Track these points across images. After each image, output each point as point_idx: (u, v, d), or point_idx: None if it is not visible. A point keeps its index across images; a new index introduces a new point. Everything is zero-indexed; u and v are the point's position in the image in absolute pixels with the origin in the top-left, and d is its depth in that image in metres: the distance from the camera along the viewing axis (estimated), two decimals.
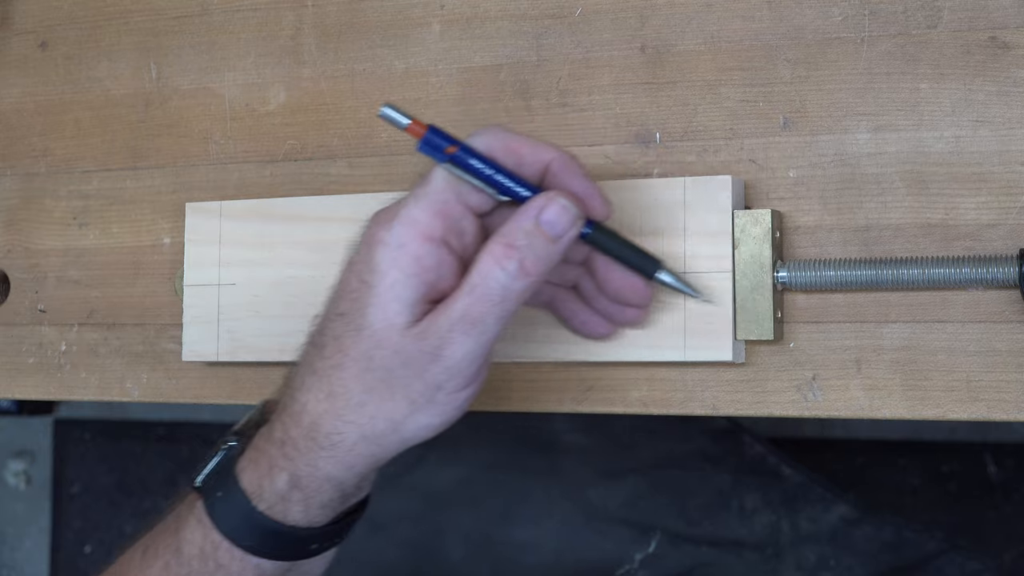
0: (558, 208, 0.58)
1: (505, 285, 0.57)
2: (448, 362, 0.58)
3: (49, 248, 0.83)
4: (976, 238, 0.63)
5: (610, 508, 1.04)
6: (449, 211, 0.58)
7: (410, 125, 0.59)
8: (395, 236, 0.58)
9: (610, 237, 0.61)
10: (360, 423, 0.59)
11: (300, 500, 0.61)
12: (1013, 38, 0.63)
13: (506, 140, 0.59)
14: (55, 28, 0.84)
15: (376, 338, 0.58)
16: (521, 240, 0.57)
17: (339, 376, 0.59)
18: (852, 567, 1.02)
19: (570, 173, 0.60)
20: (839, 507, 1.04)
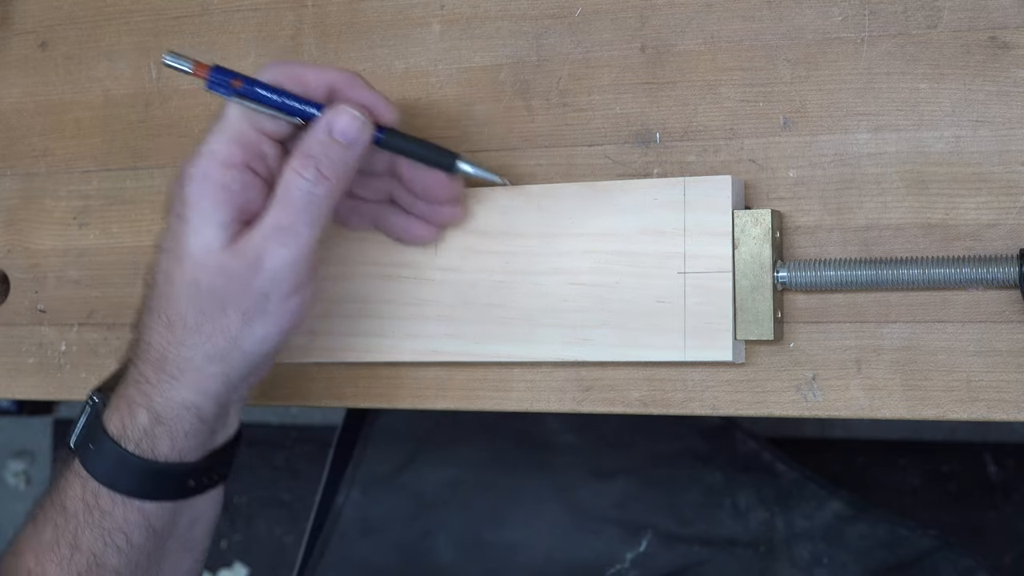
0: (347, 117, 0.63)
1: (308, 191, 0.61)
2: (269, 272, 0.62)
3: (49, 248, 0.83)
4: (976, 238, 0.63)
5: (601, 508, 1.04)
6: (246, 138, 0.63)
7: (195, 69, 0.63)
8: (200, 169, 0.62)
9: (403, 139, 0.66)
10: (200, 344, 0.63)
11: (164, 433, 0.64)
12: (1013, 38, 0.63)
13: (290, 69, 0.64)
14: (55, 28, 0.84)
15: (198, 262, 0.62)
16: (316, 150, 0.62)
17: (173, 307, 0.63)
18: (846, 564, 1.02)
19: (354, 87, 0.64)
20: (833, 504, 1.04)
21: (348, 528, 0.67)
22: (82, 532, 0.65)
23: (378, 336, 0.71)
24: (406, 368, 0.73)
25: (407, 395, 0.73)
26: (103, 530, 0.65)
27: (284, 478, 1.82)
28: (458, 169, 0.67)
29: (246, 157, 0.63)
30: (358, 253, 0.72)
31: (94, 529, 0.65)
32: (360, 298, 0.72)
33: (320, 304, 0.72)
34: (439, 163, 0.67)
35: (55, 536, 0.66)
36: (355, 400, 0.75)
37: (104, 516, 0.65)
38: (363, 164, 0.65)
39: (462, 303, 0.69)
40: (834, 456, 1.58)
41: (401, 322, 0.71)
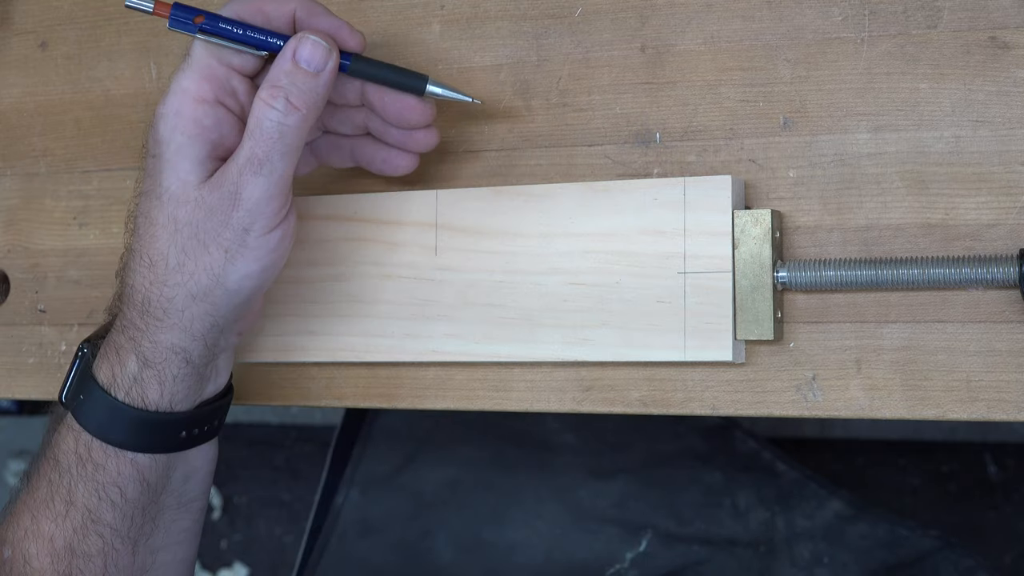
0: (310, 44, 0.63)
1: (279, 122, 0.61)
2: (248, 203, 0.62)
3: (49, 248, 0.83)
4: (976, 238, 0.63)
5: (600, 508, 1.04)
6: (214, 73, 0.63)
7: (156, 7, 0.64)
8: (170, 106, 0.63)
9: (370, 64, 0.66)
10: (184, 283, 0.63)
11: (153, 378, 0.64)
12: (1013, 38, 0.63)
13: (251, 2, 0.64)
14: (55, 28, 0.84)
15: (176, 199, 0.62)
16: (284, 80, 0.62)
17: (154, 246, 0.63)
18: (847, 564, 1.02)
19: (315, 15, 0.65)
20: (833, 504, 1.04)
21: (347, 528, 0.67)
22: (76, 487, 0.65)
23: (378, 336, 0.71)
24: (406, 368, 0.73)
25: (407, 395, 0.73)
26: (97, 484, 0.65)
27: (284, 478, 1.82)
28: (428, 92, 0.67)
29: (216, 92, 0.63)
30: (358, 253, 0.72)
31: (88, 483, 0.65)
32: (360, 298, 0.72)
33: (320, 304, 0.72)
34: (408, 87, 0.67)
35: (49, 492, 0.66)
36: (355, 400, 0.75)
37: (97, 469, 0.65)
38: (334, 95, 0.65)
39: (462, 303, 0.69)
40: (834, 456, 1.58)
41: (401, 322, 0.71)
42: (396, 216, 0.71)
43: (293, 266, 0.73)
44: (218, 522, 1.81)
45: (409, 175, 0.74)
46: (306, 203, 0.74)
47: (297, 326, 0.73)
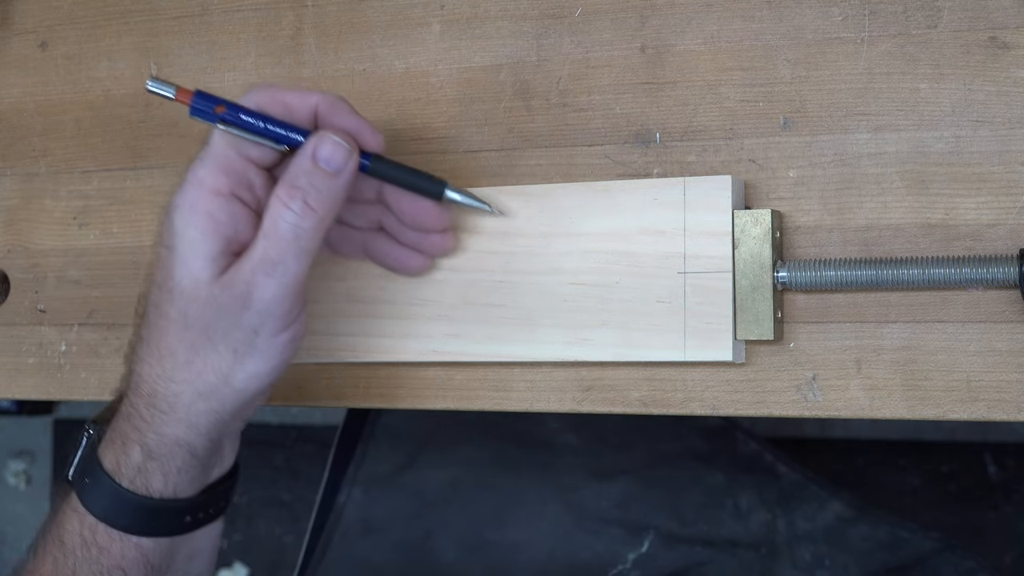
0: (331, 144, 0.61)
1: (295, 224, 0.60)
2: (258, 305, 0.61)
3: (49, 248, 0.83)
4: (976, 238, 0.63)
5: (603, 508, 1.04)
6: (232, 166, 0.62)
7: (177, 94, 0.62)
8: (186, 198, 0.61)
9: (390, 166, 0.65)
10: (191, 380, 0.62)
11: (157, 469, 0.63)
12: (1013, 38, 0.63)
13: (273, 92, 0.62)
14: (55, 28, 0.84)
15: (187, 295, 0.61)
16: (302, 180, 0.60)
17: (164, 339, 0.62)
18: (847, 566, 1.02)
19: (338, 112, 0.63)
20: (834, 505, 1.04)
21: (350, 527, 0.67)
22: (80, 568, 0.65)
23: (378, 336, 0.71)
24: (406, 368, 0.73)
25: (407, 395, 0.73)
26: (101, 567, 0.64)
27: (284, 478, 1.82)
28: (447, 198, 0.66)
29: (232, 185, 0.62)
30: None
31: (92, 565, 0.64)
32: (360, 298, 0.72)
33: (321, 304, 0.72)
34: (427, 191, 0.65)
35: (54, 571, 0.65)
36: (355, 400, 0.75)
37: (101, 552, 0.64)
38: (351, 191, 0.64)
39: (462, 303, 0.69)
40: (834, 456, 1.58)
41: (401, 322, 0.71)
42: None
43: None
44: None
45: None
46: None
47: None
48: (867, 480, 1.57)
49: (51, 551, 0.66)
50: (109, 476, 0.64)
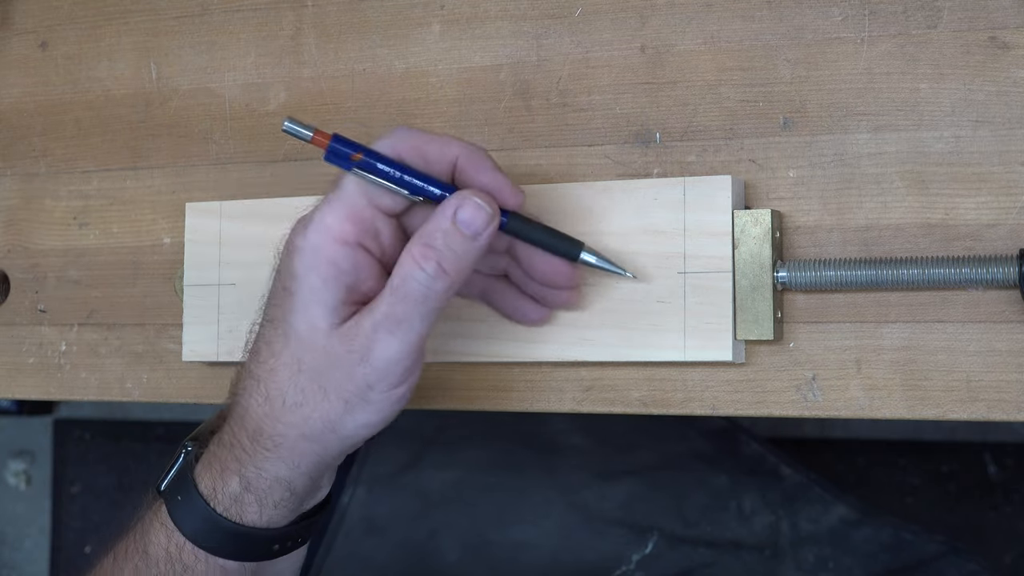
0: (473, 207, 0.59)
1: (426, 285, 0.58)
2: (376, 363, 0.59)
3: (49, 248, 0.83)
4: (976, 238, 0.63)
5: (607, 509, 1.04)
6: (361, 215, 0.60)
7: (314, 137, 0.60)
8: (310, 242, 0.59)
9: (528, 225, 0.63)
10: (297, 424, 0.61)
11: (253, 502, 0.63)
12: (1013, 38, 0.63)
13: (412, 139, 0.60)
14: (55, 28, 0.84)
15: (303, 342, 0.60)
16: (439, 241, 0.58)
17: (274, 380, 0.61)
18: (851, 568, 1.02)
19: (478, 167, 0.61)
20: (838, 508, 1.04)
21: (353, 527, 0.67)
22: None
23: None
24: None
25: None
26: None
27: None
28: (582, 260, 0.64)
29: (359, 235, 0.60)
30: None
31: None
32: None
33: None
34: (563, 252, 0.64)
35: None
36: None
37: (186, 570, 0.64)
38: None
39: (462, 303, 0.69)
40: (834, 456, 1.58)
41: None
42: None
43: None
44: None
45: None
46: (306, 203, 0.73)
47: None
48: (867, 480, 1.57)
49: (133, 558, 0.65)
50: (204, 499, 0.63)
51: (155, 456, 1.81)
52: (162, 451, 1.81)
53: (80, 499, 1.88)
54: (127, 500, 1.82)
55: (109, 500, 1.86)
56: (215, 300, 0.75)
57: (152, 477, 0.68)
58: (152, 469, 0.67)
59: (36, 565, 1.93)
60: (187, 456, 0.65)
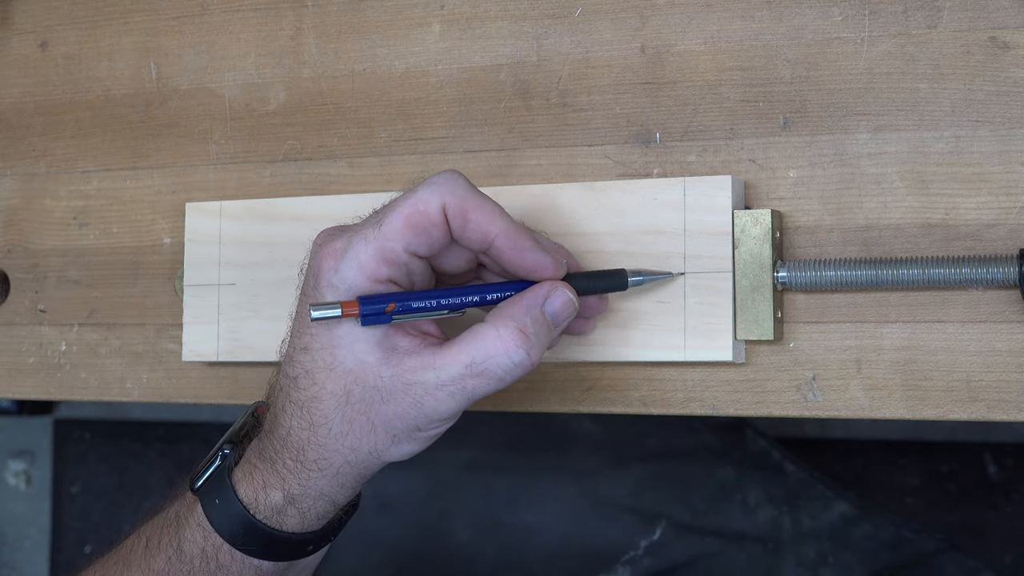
0: (564, 301, 0.60)
1: (509, 370, 0.58)
2: (431, 415, 0.59)
3: (49, 248, 0.83)
4: (976, 238, 0.63)
5: (617, 495, 1.04)
6: (395, 258, 0.59)
7: (343, 311, 0.59)
8: (342, 279, 0.59)
9: (578, 282, 0.62)
10: (343, 451, 0.61)
11: (296, 514, 0.63)
12: (1013, 38, 0.63)
13: (460, 199, 0.59)
14: (55, 28, 0.84)
15: (351, 375, 0.59)
16: (531, 328, 0.58)
17: (319, 408, 0.60)
18: (851, 565, 1.02)
19: (519, 248, 0.60)
20: (839, 505, 1.05)
21: (365, 505, 0.67)
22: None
23: None
24: None
25: None
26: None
27: None
28: (632, 284, 0.64)
29: (391, 274, 0.59)
30: None
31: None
32: None
33: None
34: (613, 288, 0.64)
35: (167, 570, 0.65)
36: None
37: (220, 569, 0.64)
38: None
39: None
40: (834, 456, 1.58)
41: None
42: None
43: (293, 266, 0.73)
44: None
45: (410, 175, 0.74)
46: (306, 203, 0.74)
47: None
48: (867, 480, 1.57)
49: (166, 550, 0.65)
50: (244, 507, 0.63)
51: (155, 456, 1.81)
52: (162, 451, 1.82)
53: (80, 499, 1.88)
54: (127, 500, 1.82)
55: (109, 500, 1.86)
56: (215, 300, 0.75)
57: (152, 477, 0.68)
58: (152, 469, 0.67)
59: (36, 565, 1.93)
60: (225, 460, 0.65)
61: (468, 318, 0.61)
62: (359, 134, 0.76)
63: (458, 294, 0.60)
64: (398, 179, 0.74)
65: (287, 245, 0.73)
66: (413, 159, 0.74)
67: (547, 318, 0.59)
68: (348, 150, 0.76)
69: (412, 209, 0.58)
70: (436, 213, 0.58)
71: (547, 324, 0.59)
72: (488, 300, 0.61)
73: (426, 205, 0.58)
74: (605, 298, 0.66)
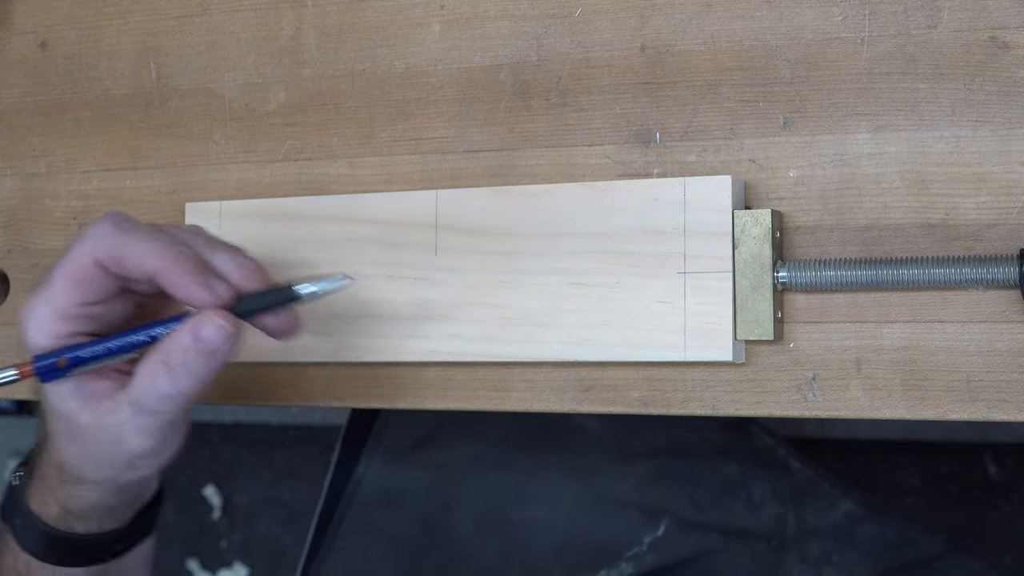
0: (212, 328, 0.61)
1: (159, 401, 0.61)
2: (134, 450, 0.63)
3: (49, 248, 0.83)
4: (976, 238, 0.63)
5: (621, 491, 1.04)
6: (71, 314, 0.62)
7: (20, 373, 0.63)
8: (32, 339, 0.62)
9: (249, 304, 0.62)
10: (89, 472, 0.65)
11: (78, 520, 0.66)
12: (1013, 38, 0.63)
13: (112, 244, 0.61)
14: (55, 28, 0.84)
15: (65, 421, 0.63)
16: (177, 358, 0.60)
17: (54, 445, 0.65)
18: (855, 563, 1.02)
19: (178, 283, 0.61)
20: (844, 504, 1.05)
21: (369, 497, 0.68)
22: None
23: (378, 336, 0.71)
24: (406, 368, 0.73)
25: (407, 395, 0.73)
26: None
27: (284, 478, 1.82)
28: (302, 297, 0.63)
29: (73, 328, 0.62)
30: (358, 253, 0.72)
31: None
32: (360, 298, 0.72)
33: (321, 304, 0.72)
34: (285, 302, 0.63)
35: None
36: (355, 400, 0.75)
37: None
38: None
39: (463, 303, 0.69)
40: (834, 456, 1.58)
41: (401, 322, 0.71)
42: (396, 216, 0.71)
43: (293, 266, 0.73)
44: (218, 522, 1.81)
45: (410, 175, 0.74)
46: (306, 203, 0.74)
47: None
48: (867, 480, 1.57)
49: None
50: (39, 518, 0.67)
51: None
52: None
53: None
54: None
55: None
56: None
57: None
58: None
59: None
60: (19, 482, 0.69)
61: None
62: (359, 134, 0.76)
63: (129, 335, 0.62)
64: (398, 179, 0.74)
65: (287, 245, 0.73)
66: (413, 159, 0.74)
67: (199, 344, 0.60)
68: (348, 150, 0.76)
69: (70, 267, 0.61)
70: (91, 266, 0.61)
71: (198, 352, 0.60)
72: (157, 336, 0.62)
73: (79, 262, 0.61)
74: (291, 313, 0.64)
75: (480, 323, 0.69)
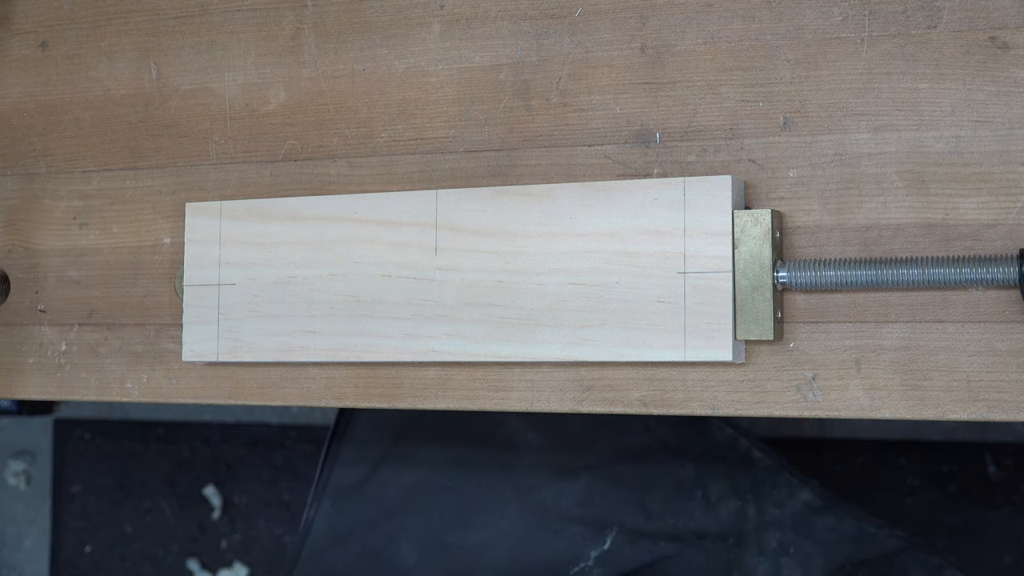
0: None
1: None
2: None
3: (49, 248, 0.83)
4: (976, 238, 0.63)
5: (564, 506, 1.04)
6: None
7: None
8: None
9: None
10: None
11: None
12: (1013, 38, 0.63)
13: None
14: (55, 28, 0.84)
15: None
16: None
17: None
18: (811, 555, 1.02)
19: None
20: (803, 494, 1.04)
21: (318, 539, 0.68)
22: None
23: (378, 336, 0.71)
24: (406, 368, 0.73)
25: (407, 395, 0.73)
26: None
27: (284, 478, 1.82)
28: None
29: None
30: (358, 253, 0.72)
31: None
32: (360, 298, 0.72)
33: (319, 305, 0.72)
34: None
35: None
36: (355, 400, 0.75)
37: None
38: None
39: (462, 303, 0.69)
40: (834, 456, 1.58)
41: (401, 322, 0.71)
42: (396, 216, 0.72)
43: (293, 266, 0.73)
44: (218, 522, 1.81)
45: (410, 175, 0.74)
46: (306, 203, 0.74)
47: (297, 326, 0.73)
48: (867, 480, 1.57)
49: None
50: None
51: (155, 456, 1.81)
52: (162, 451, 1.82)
53: (80, 499, 1.88)
54: (127, 500, 1.82)
55: (109, 500, 1.86)
56: (215, 300, 0.75)
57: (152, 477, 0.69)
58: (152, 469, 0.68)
59: (36, 565, 1.93)
60: None
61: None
62: (359, 134, 0.76)
63: None
64: (398, 179, 0.74)
65: (287, 245, 0.73)
66: (413, 159, 0.74)
67: None
68: (348, 150, 0.76)
69: None
70: None
71: None
72: None
73: None
74: None
75: (480, 323, 0.69)
